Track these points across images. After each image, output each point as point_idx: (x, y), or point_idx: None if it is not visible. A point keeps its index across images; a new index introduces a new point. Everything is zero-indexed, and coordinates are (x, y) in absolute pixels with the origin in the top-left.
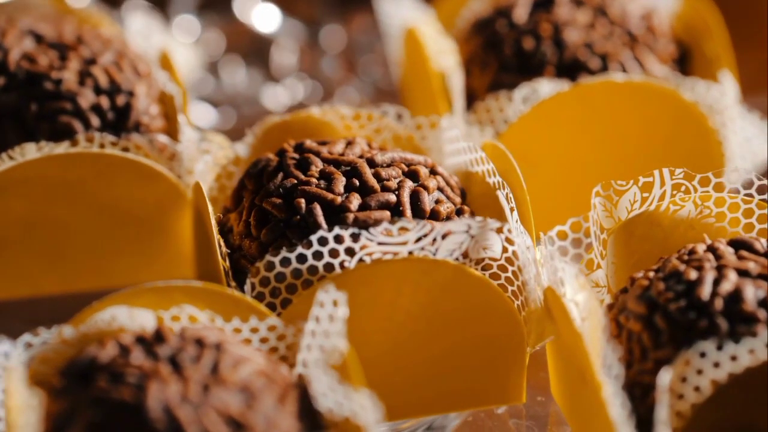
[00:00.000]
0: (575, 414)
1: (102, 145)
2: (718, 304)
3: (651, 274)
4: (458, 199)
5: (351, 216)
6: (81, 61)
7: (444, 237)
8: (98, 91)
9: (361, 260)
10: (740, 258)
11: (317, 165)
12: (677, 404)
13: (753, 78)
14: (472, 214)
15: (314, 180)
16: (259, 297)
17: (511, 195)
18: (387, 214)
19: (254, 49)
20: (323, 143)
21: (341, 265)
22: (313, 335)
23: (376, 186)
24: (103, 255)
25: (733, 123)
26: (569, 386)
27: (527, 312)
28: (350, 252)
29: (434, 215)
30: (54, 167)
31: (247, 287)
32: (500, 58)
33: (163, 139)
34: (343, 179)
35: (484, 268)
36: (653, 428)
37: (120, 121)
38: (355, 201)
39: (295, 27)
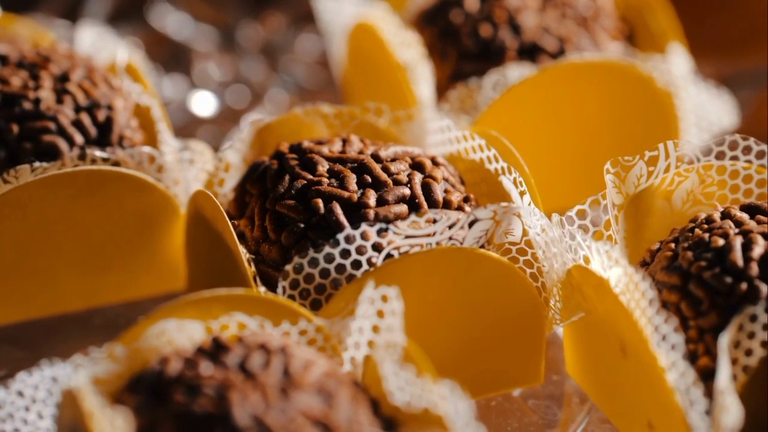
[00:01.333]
0: (604, 389)
1: (93, 161)
2: (753, 268)
3: (672, 245)
4: (462, 188)
5: (371, 212)
6: (53, 79)
7: (471, 225)
8: (77, 108)
9: (389, 255)
10: (759, 222)
11: (323, 165)
12: (731, 369)
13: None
14: (476, 201)
15: (325, 179)
16: (290, 299)
17: (520, 179)
18: (405, 207)
19: (173, 57)
20: (320, 143)
21: (369, 261)
22: (361, 332)
23: (388, 180)
24: (93, 273)
25: (687, 93)
26: (596, 362)
27: (549, 292)
28: (377, 248)
29: (447, 205)
30: (48, 188)
31: (279, 291)
32: (459, 47)
33: (149, 150)
34: (354, 176)
35: (503, 253)
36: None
37: (103, 136)
38: (373, 197)
39: (209, 32)
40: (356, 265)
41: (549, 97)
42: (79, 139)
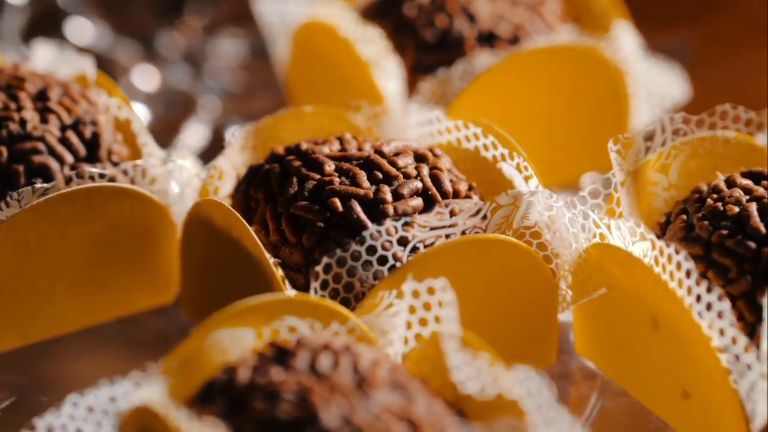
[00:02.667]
0: (623, 364)
1: (92, 178)
2: None
3: (684, 216)
4: (463, 176)
5: (390, 207)
6: (32, 98)
7: (493, 212)
8: (63, 126)
9: (414, 249)
10: (766, 188)
11: (329, 164)
12: None
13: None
14: (478, 189)
15: (336, 179)
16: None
17: (525, 164)
18: (420, 200)
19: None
20: (317, 143)
21: (394, 256)
22: (408, 326)
23: (399, 175)
24: (90, 292)
25: (638, 70)
26: (614, 339)
27: (561, 275)
28: (402, 242)
29: (456, 194)
30: (51, 208)
31: (312, 292)
32: (417, 39)
33: (142, 163)
34: (364, 173)
35: (518, 238)
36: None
37: (91, 153)
38: (388, 192)
39: (129, 44)
40: (382, 260)
41: (514, 83)
42: (68, 157)
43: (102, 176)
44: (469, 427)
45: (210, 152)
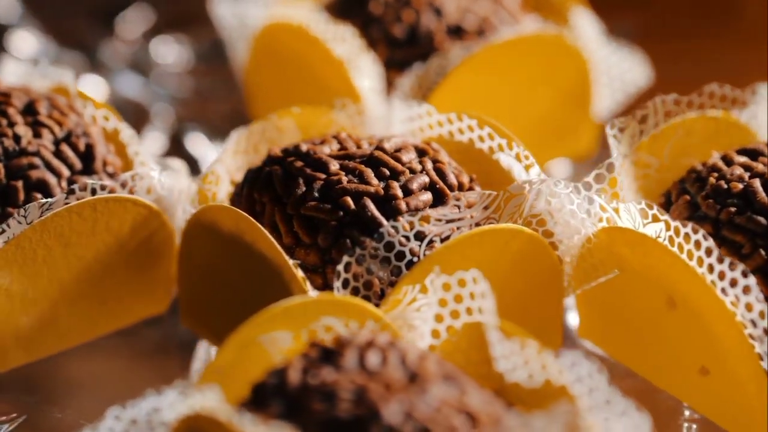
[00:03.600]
0: (632, 345)
1: (93, 190)
2: None
3: (686, 196)
4: (461, 168)
5: (402, 203)
6: (20, 113)
7: (506, 202)
8: (56, 140)
9: (430, 242)
10: (765, 164)
11: (334, 163)
12: None
13: None
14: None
15: (343, 177)
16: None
17: (525, 152)
18: (429, 194)
19: None
20: (314, 143)
21: (411, 251)
22: (440, 319)
23: (405, 170)
24: (92, 305)
25: (600, 55)
26: (622, 321)
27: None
28: (419, 236)
29: (461, 187)
30: (57, 222)
31: (335, 292)
32: (386, 35)
33: (141, 173)
34: (370, 170)
35: (526, 226)
36: None
37: (87, 165)
38: (398, 188)
39: (72, 55)
40: (400, 256)
41: (486, 75)
42: (65, 171)
43: (103, 188)
44: (523, 417)
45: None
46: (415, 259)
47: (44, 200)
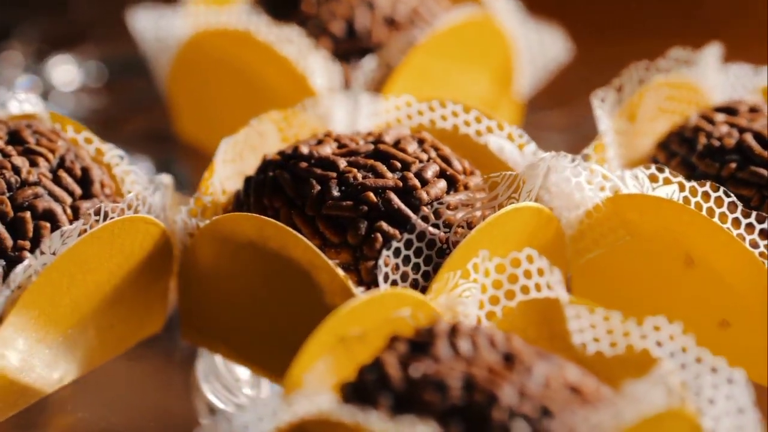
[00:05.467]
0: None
1: (106, 214)
2: None
3: (678, 158)
4: (454, 153)
5: (423, 193)
6: (8, 144)
7: (524, 181)
8: (52, 167)
9: (461, 226)
10: (749, 120)
11: (341, 161)
12: None
13: None
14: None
15: (357, 174)
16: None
17: (518, 131)
18: (444, 181)
19: None
20: (311, 144)
21: (440, 239)
22: (495, 301)
23: (415, 161)
24: (103, 329)
25: (521, 33)
26: (627, 287)
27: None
28: (448, 224)
29: (464, 172)
30: (80, 251)
31: (384, 287)
32: (328, 33)
33: (143, 193)
34: (382, 164)
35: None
36: None
37: (86, 189)
38: (414, 179)
39: None
40: (431, 245)
41: (431, 62)
42: (67, 198)
43: (114, 210)
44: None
45: None
46: (444, 246)
47: (66, 228)
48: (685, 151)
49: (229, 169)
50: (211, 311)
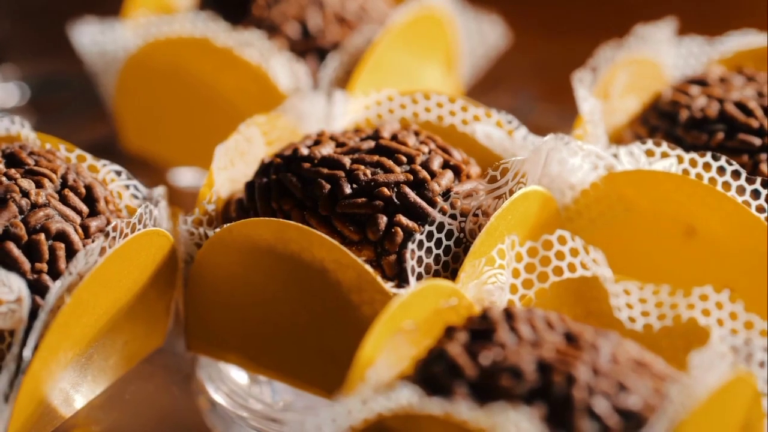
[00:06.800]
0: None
1: (122, 232)
2: (759, 113)
3: (660, 133)
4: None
5: (435, 184)
6: (8, 166)
7: (528, 167)
8: (57, 187)
9: (475, 215)
10: (724, 90)
11: (345, 159)
12: None
13: None
14: None
15: (366, 171)
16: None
17: (508, 118)
18: (450, 171)
19: None
20: (308, 146)
21: (458, 228)
22: (529, 285)
23: (418, 154)
24: (115, 348)
25: (458, 21)
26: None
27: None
28: (464, 213)
29: (464, 162)
30: (105, 270)
31: (412, 281)
32: (283, 35)
33: (151, 207)
34: (388, 159)
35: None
36: None
37: (92, 207)
38: (425, 171)
39: None
40: (449, 235)
41: (390, 55)
42: (76, 217)
43: (127, 226)
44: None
45: None
46: (461, 235)
47: (90, 246)
48: (667, 124)
49: (222, 176)
50: (223, 320)
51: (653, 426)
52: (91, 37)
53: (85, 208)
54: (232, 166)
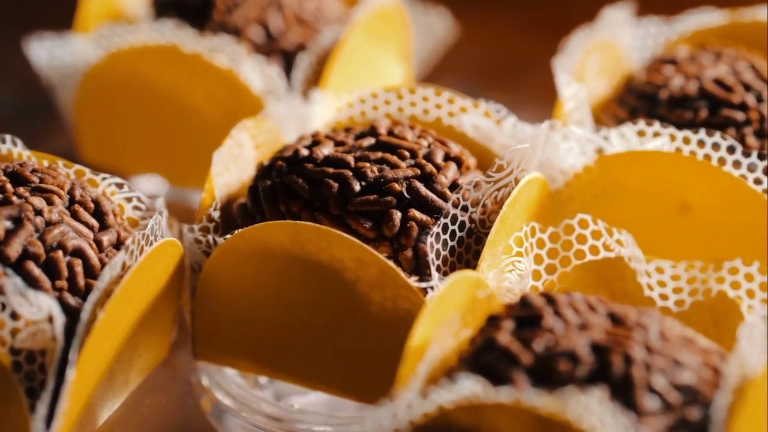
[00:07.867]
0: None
1: (138, 243)
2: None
3: (642, 113)
4: None
5: (443, 177)
6: (15, 185)
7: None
8: (66, 204)
9: (484, 205)
10: (697, 68)
11: (349, 157)
12: None
13: None
14: None
15: (374, 167)
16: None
17: (496, 107)
18: (453, 163)
19: None
20: (308, 146)
21: (470, 219)
22: (552, 270)
23: (418, 148)
24: (133, 363)
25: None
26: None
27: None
28: (475, 203)
29: (462, 153)
30: (130, 285)
31: (435, 274)
32: (246, 38)
33: (160, 219)
34: (392, 155)
35: None
36: None
37: (101, 221)
38: (430, 164)
39: None
40: (462, 226)
41: (357, 53)
42: (89, 232)
43: (144, 238)
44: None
45: None
46: (473, 226)
47: (114, 260)
48: (647, 105)
49: (219, 181)
50: (234, 327)
51: (716, 400)
52: (47, 51)
53: (95, 223)
54: (227, 171)
